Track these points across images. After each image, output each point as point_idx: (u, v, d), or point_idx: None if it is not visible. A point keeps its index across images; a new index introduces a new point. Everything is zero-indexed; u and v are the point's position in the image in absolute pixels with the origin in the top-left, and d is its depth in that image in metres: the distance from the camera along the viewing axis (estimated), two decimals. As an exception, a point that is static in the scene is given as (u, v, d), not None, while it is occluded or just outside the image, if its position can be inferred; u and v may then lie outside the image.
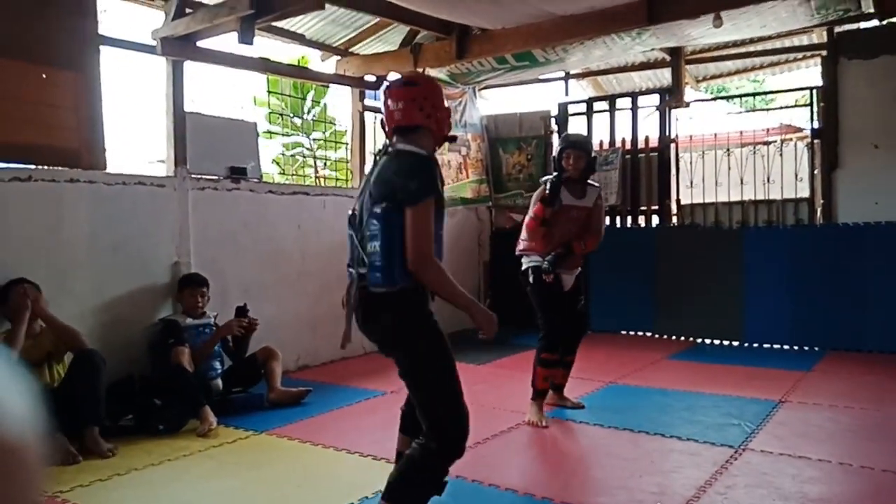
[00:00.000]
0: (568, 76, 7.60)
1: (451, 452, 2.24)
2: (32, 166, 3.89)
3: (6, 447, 0.49)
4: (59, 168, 3.99)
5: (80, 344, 3.49)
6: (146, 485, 2.97)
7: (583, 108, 7.20)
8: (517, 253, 3.93)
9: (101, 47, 4.30)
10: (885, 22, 5.79)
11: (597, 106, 7.17)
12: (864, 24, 6.05)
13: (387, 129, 2.40)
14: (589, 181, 3.93)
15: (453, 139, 2.52)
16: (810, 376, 4.80)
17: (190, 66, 4.84)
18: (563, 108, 7.22)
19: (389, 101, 2.35)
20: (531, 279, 3.78)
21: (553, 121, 7.19)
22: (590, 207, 3.90)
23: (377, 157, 2.41)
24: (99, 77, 4.25)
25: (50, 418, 0.55)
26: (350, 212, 2.40)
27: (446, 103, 2.47)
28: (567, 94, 7.62)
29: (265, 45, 5.98)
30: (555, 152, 4.02)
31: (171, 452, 3.34)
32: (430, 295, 2.27)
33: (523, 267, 3.86)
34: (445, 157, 6.73)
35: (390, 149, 2.34)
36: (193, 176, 4.66)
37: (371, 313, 2.27)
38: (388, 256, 2.15)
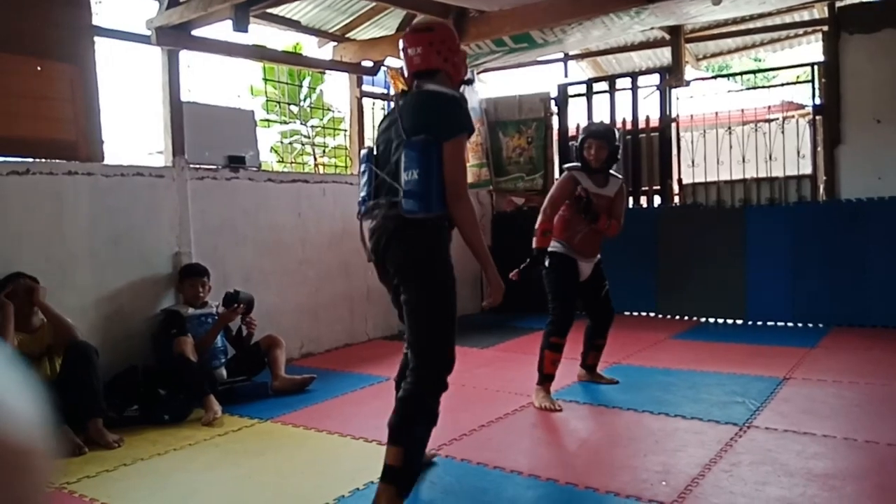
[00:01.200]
0: (567, 57, 7.55)
1: (436, 385, 2.34)
2: (30, 159, 3.88)
3: (11, 448, 0.48)
4: (57, 161, 3.98)
5: (72, 336, 3.47)
6: (152, 474, 2.98)
7: (582, 89, 7.15)
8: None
9: (96, 38, 4.28)
10: (886, -5, 5.73)
11: (597, 87, 7.12)
12: (865, -2, 6.00)
13: (407, 75, 2.54)
14: (612, 172, 3.92)
15: (469, 82, 2.68)
16: (814, 353, 4.79)
17: (185, 56, 4.82)
18: (562, 89, 7.18)
19: (408, 48, 2.49)
20: (546, 263, 3.76)
21: (553, 103, 7.15)
22: (611, 197, 3.88)
23: (398, 99, 2.53)
24: (94, 68, 4.23)
25: (54, 411, 0.54)
26: (366, 149, 2.57)
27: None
28: (566, 75, 7.57)
29: (260, 33, 5.95)
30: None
31: (177, 442, 3.35)
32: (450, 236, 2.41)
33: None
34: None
35: (415, 90, 2.47)
36: (192, 166, 4.64)
37: (400, 237, 2.35)
38: (427, 184, 2.27)
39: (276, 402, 3.98)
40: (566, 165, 3.99)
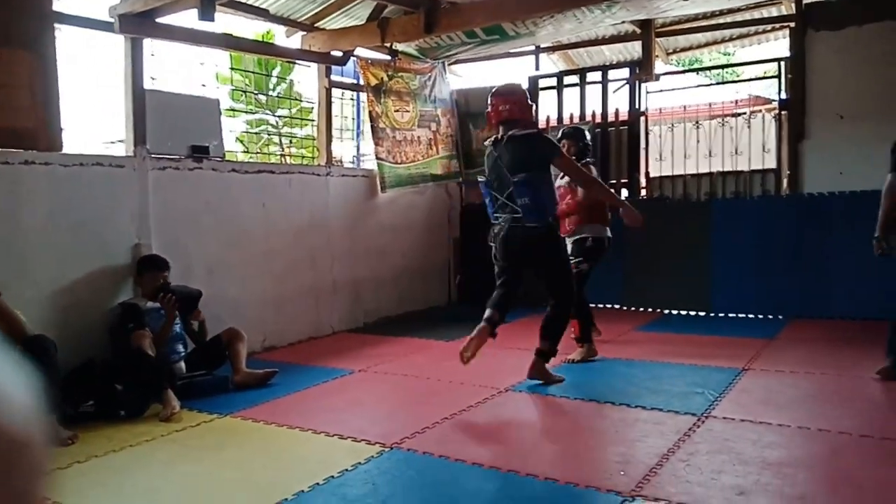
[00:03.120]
0: (539, 50, 7.54)
1: (570, 306, 3.99)
2: (-15, 148, 3.77)
3: (9, 439, 0.47)
4: (13, 150, 3.87)
5: (23, 331, 3.31)
6: (107, 472, 2.92)
7: (553, 81, 7.17)
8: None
9: (57, 25, 4.16)
10: (851, -7, 5.81)
11: (567, 80, 7.15)
12: (830, -4, 6.06)
13: (494, 122, 3.85)
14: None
15: (544, 131, 3.86)
16: (774, 344, 4.87)
17: (150, 43, 4.72)
18: (533, 81, 7.18)
19: (499, 105, 3.79)
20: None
21: (523, 95, 7.14)
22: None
23: (494, 145, 3.84)
24: (55, 56, 4.10)
25: None
26: (485, 179, 3.94)
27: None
28: (538, 67, 7.56)
29: (228, 20, 5.84)
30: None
31: (133, 438, 3.29)
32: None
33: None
34: (416, 133, 6.67)
35: (506, 137, 3.74)
36: (154, 156, 4.55)
37: (527, 238, 3.73)
38: (536, 204, 3.66)
39: (237, 397, 3.92)
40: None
